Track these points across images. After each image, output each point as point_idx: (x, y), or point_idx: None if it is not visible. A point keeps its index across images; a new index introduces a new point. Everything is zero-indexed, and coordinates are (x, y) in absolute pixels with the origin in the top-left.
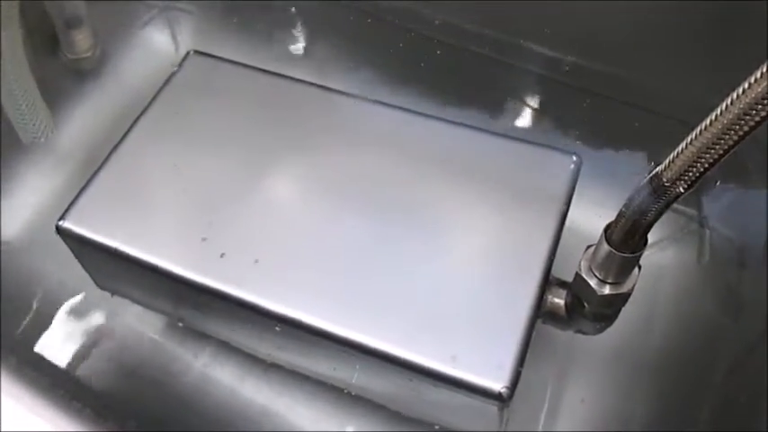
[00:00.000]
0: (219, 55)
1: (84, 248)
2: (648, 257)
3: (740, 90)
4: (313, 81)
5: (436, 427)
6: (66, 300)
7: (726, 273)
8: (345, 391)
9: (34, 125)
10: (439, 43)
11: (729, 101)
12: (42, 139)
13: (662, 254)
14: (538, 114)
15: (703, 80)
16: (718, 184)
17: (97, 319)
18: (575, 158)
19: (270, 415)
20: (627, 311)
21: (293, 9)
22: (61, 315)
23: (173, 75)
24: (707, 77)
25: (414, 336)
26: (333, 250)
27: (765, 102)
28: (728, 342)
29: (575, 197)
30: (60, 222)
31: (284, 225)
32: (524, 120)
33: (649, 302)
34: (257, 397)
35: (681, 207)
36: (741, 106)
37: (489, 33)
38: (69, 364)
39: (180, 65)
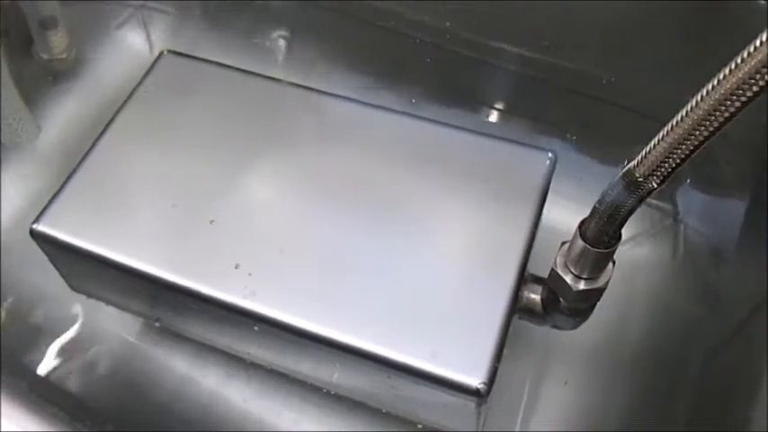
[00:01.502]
0: (196, 55)
1: (59, 252)
2: (623, 252)
3: (710, 86)
4: (290, 80)
5: (419, 426)
6: (40, 303)
7: (700, 267)
8: (325, 390)
9: (15, 126)
10: (416, 42)
11: (700, 96)
12: (24, 140)
13: (636, 249)
14: (513, 112)
15: (674, 76)
16: (688, 181)
17: (72, 322)
18: (550, 155)
19: (250, 415)
20: (602, 306)
21: (270, 9)
22: (36, 319)
23: (146, 75)
24: (678, 73)
25: (391, 333)
26: (310, 249)
27: (735, 97)
28: (704, 336)
29: (550, 193)
30: (34, 226)
31: (261, 225)
32: (500, 117)
33: (624, 297)
34: (237, 397)
35: (655, 202)
36: (711, 102)
37: (465, 32)
38: (44, 368)
39: (153, 65)
